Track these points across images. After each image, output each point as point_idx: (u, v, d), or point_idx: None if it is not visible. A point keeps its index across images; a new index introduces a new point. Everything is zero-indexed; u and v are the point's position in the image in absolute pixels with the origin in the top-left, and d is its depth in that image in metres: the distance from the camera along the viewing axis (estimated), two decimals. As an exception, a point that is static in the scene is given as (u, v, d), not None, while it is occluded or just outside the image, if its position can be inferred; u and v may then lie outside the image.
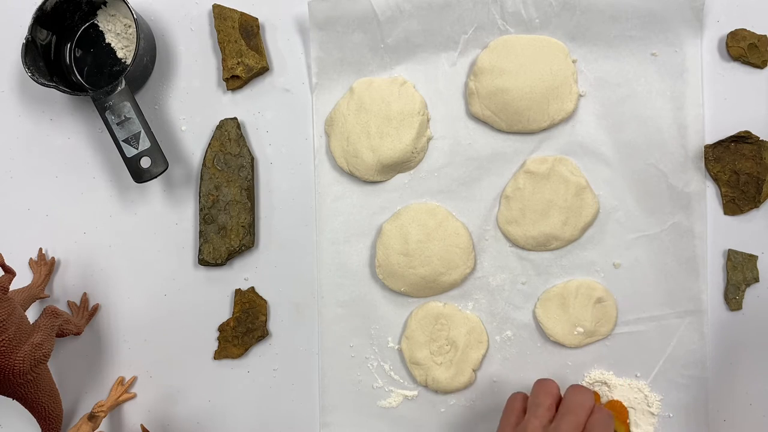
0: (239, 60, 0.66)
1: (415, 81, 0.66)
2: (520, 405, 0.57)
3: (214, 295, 0.68)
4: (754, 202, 0.63)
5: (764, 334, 0.64)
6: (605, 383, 0.64)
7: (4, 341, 0.55)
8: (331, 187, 0.67)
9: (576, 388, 0.55)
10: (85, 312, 0.68)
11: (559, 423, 0.52)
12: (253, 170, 0.67)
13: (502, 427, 0.56)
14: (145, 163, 0.64)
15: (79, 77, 0.69)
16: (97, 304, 0.69)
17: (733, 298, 0.64)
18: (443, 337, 0.65)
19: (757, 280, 0.64)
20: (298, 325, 0.67)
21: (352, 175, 0.66)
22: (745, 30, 0.63)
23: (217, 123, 0.67)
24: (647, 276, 0.64)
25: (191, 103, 0.69)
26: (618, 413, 0.63)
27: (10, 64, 0.70)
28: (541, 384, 0.56)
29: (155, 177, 0.64)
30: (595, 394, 0.64)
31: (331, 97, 0.67)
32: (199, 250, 0.67)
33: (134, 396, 0.68)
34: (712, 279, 0.64)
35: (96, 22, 0.69)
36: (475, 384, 0.66)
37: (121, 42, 0.68)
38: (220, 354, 0.67)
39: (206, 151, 0.67)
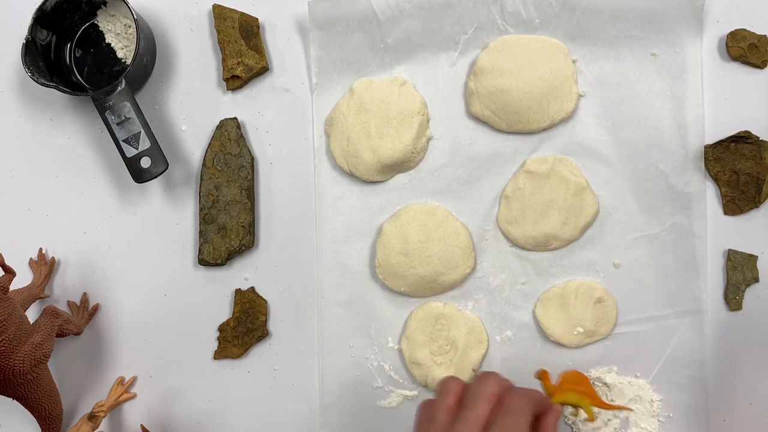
0: (239, 60, 0.66)
1: (415, 81, 0.66)
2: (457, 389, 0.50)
3: (214, 295, 0.68)
4: (754, 202, 0.63)
5: (764, 334, 0.64)
6: (605, 383, 0.64)
7: (4, 341, 0.55)
8: (331, 187, 0.67)
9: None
10: (85, 312, 0.68)
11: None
12: (253, 170, 0.67)
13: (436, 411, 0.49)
14: (145, 163, 0.64)
15: (79, 77, 0.69)
16: (97, 304, 0.69)
17: (733, 298, 0.64)
18: (443, 337, 0.65)
19: (757, 280, 0.64)
20: (298, 325, 0.67)
21: (352, 175, 0.66)
22: (745, 30, 0.63)
23: (217, 123, 0.67)
24: (647, 276, 0.64)
25: (191, 103, 0.69)
26: (575, 385, 0.57)
27: (10, 64, 0.70)
28: (479, 381, 0.49)
29: (155, 177, 0.64)
30: (542, 373, 0.57)
31: (331, 97, 0.67)
32: (199, 250, 0.67)
33: (134, 396, 0.68)
34: (712, 279, 0.64)
35: (96, 22, 0.69)
36: (475, 384, 0.65)
37: (121, 42, 0.68)
38: (220, 354, 0.67)
39: (206, 151, 0.67)
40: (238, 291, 0.67)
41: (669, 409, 0.64)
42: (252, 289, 0.67)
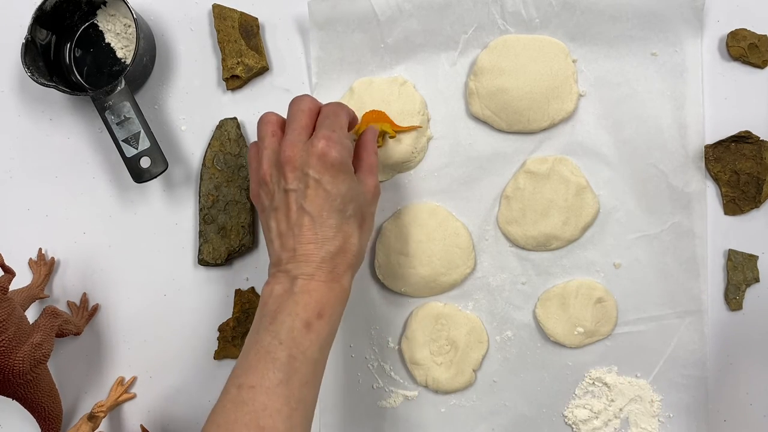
0: (239, 60, 0.66)
1: (415, 81, 0.66)
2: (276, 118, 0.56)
3: (214, 295, 0.68)
4: (754, 202, 0.63)
5: (764, 334, 0.64)
6: (605, 383, 0.64)
7: (4, 341, 0.55)
8: (331, 187, 0.67)
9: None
10: (85, 312, 0.68)
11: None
12: (253, 170, 0.67)
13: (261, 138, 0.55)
14: (145, 163, 0.64)
15: (78, 77, 0.69)
16: (97, 304, 0.69)
17: (733, 298, 0.64)
18: (443, 337, 0.65)
19: (757, 280, 0.64)
20: (298, 325, 0.67)
21: (352, 175, 0.66)
22: (745, 30, 0.63)
23: (217, 123, 0.67)
24: (647, 276, 0.64)
25: (191, 103, 0.68)
26: (376, 117, 0.63)
27: (10, 64, 0.70)
28: (295, 103, 0.56)
29: (155, 177, 0.64)
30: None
31: (331, 97, 0.67)
32: (199, 250, 0.67)
33: (134, 396, 0.68)
34: (713, 279, 0.64)
35: (96, 21, 0.69)
36: (475, 384, 0.65)
37: (120, 42, 0.68)
38: (220, 354, 0.67)
39: (206, 151, 0.67)
40: (238, 291, 0.67)
41: (669, 409, 0.64)
42: (252, 289, 0.67)
